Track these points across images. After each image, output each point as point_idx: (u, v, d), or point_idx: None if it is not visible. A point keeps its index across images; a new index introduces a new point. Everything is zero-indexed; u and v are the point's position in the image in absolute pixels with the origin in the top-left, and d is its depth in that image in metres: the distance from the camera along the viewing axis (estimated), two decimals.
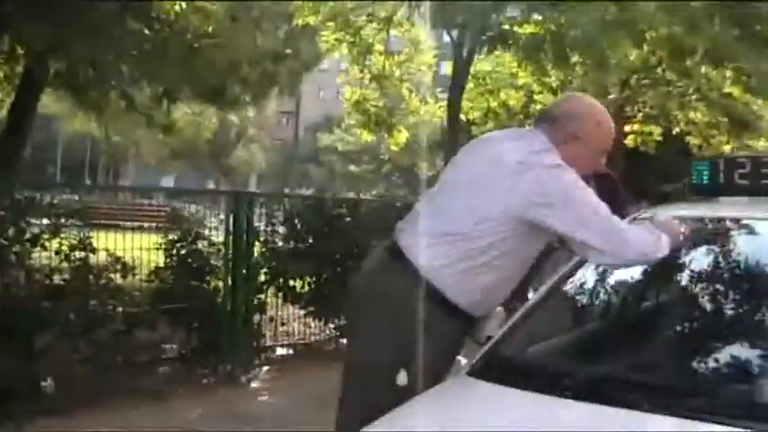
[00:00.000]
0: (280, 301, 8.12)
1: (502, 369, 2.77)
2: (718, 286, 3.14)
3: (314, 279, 7.91)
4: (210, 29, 10.50)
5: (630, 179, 12.87)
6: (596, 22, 8.75)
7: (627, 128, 17.16)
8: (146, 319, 6.83)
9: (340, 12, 12.39)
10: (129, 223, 9.17)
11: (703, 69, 12.52)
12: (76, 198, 9.37)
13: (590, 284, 3.36)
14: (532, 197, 2.87)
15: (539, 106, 15.50)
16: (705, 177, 3.70)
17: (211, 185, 43.72)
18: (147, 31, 10.22)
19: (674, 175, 15.65)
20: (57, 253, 6.25)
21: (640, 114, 17.71)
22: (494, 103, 13.67)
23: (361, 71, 13.62)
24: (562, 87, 14.37)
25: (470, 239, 2.94)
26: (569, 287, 3.31)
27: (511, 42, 9.83)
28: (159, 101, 15.28)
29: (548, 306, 3.19)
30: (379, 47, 13.28)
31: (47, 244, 6.18)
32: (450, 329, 3.02)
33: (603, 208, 2.91)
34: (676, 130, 17.51)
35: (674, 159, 17.39)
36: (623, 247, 2.89)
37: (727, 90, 13.26)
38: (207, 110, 20.53)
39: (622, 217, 3.17)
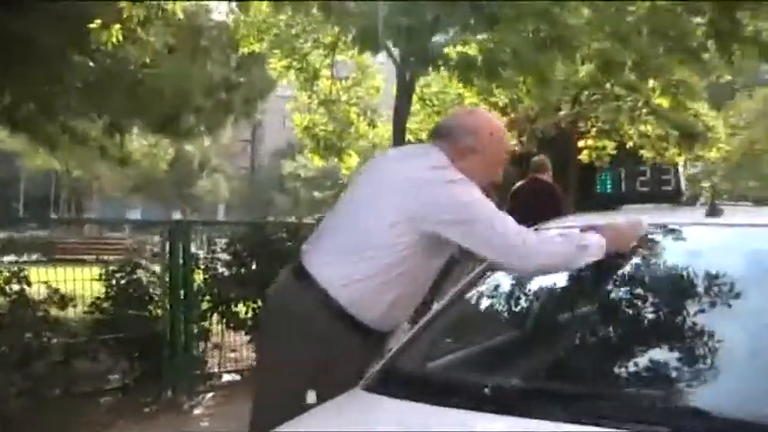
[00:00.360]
0: (223, 327, 8.09)
1: (396, 382, 2.78)
2: (622, 292, 3.15)
3: (257, 304, 7.90)
4: (151, 59, 10.51)
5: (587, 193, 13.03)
6: (526, 41, 8.88)
7: (581, 143, 17.28)
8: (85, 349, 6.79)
9: (286, 38, 12.43)
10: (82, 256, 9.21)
11: (651, 83, 12.70)
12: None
13: (491, 295, 3.39)
14: (431, 212, 2.93)
15: None
16: (608, 186, 3.77)
17: (178, 216, 43.50)
18: (91, 63, 10.20)
19: None
20: None
21: (594, 129, 17.83)
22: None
23: (309, 97, 13.69)
24: (510, 106, 14.55)
25: (372, 257, 2.99)
26: (470, 298, 3.34)
27: (441, 63, 9.87)
28: (110, 133, 15.30)
29: (447, 318, 3.22)
30: (326, 72, 13.34)
31: None
32: (358, 346, 3.04)
33: (504, 220, 2.94)
34: (629, 144, 17.65)
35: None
36: (525, 259, 2.90)
37: (657, 101, 13.35)
38: (161, 141, 20.47)
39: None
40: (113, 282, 7.32)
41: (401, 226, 2.95)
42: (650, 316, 2.96)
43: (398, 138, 11.39)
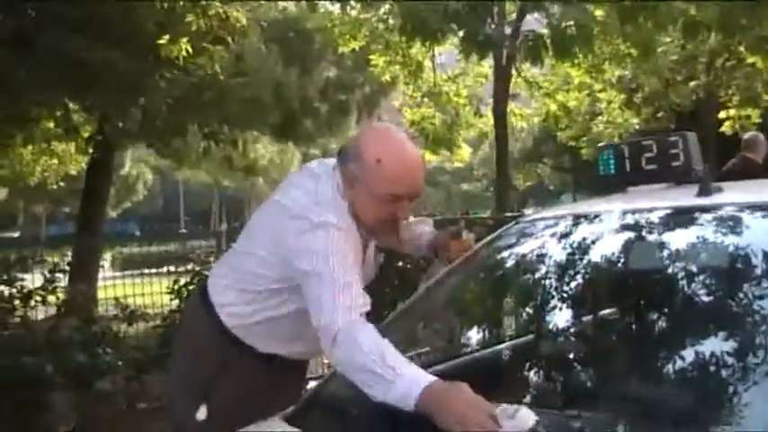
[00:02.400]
0: None
1: (318, 414, 2.51)
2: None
3: None
4: (241, 68, 10.60)
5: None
6: (611, 13, 8.39)
7: (722, 114, 16.15)
8: None
9: (380, 33, 12.21)
10: None
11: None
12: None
13: (444, 310, 3.03)
14: (289, 251, 2.56)
15: (603, 105, 14.95)
16: (611, 166, 3.27)
17: None
18: (168, 76, 10.35)
19: None
20: None
21: (735, 98, 16.69)
22: (553, 107, 13.19)
23: (414, 91, 13.43)
24: (620, 81, 13.89)
25: (262, 286, 2.75)
26: (421, 313, 2.98)
27: (532, 42, 9.39)
28: (233, 143, 15.56)
29: (396, 334, 2.86)
30: (428, 64, 13.03)
31: None
32: (263, 371, 2.83)
33: (340, 295, 2.37)
34: None
35: None
36: (335, 348, 2.33)
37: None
38: (287, 146, 20.77)
39: None
40: None
41: (274, 259, 2.65)
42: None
43: (499, 125, 10.98)
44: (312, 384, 2.82)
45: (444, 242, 2.99)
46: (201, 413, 2.77)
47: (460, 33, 9.50)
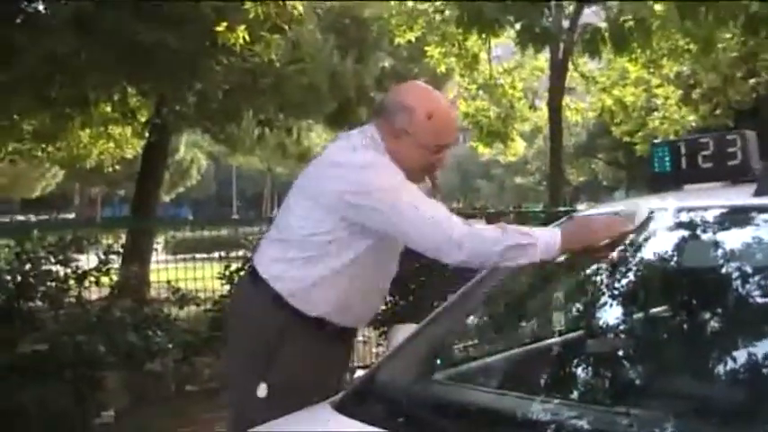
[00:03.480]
0: None
1: (367, 402, 2.49)
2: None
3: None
4: (299, 56, 10.66)
5: None
6: (671, 8, 8.25)
7: None
8: None
9: (436, 25, 12.17)
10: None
11: None
12: None
13: (498, 302, 3.01)
14: (344, 197, 2.68)
15: (660, 100, 14.73)
16: (667, 164, 3.22)
17: None
18: (225, 63, 10.42)
19: None
20: None
21: None
22: (608, 102, 13.05)
23: (469, 83, 13.37)
24: (678, 76, 13.67)
25: (310, 248, 2.79)
26: (472, 305, 2.96)
27: (589, 36, 9.28)
28: (288, 130, 15.64)
29: (444, 326, 2.86)
30: (484, 55, 12.95)
31: None
32: (315, 341, 2.85)
33: (431, 206, 2.62)
34: None
35: None
36: (456, 249, 2.55)
37: None
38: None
39: None
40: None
41: (324, 213, 2.74)
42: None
43: (554, 118, 10.90)
44: (359, 373, 2.82)
45: None
46: (262, 390, 2.80)
47: (517, 26, 9.43)
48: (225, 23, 8.29)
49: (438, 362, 2.80)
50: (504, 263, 2.57)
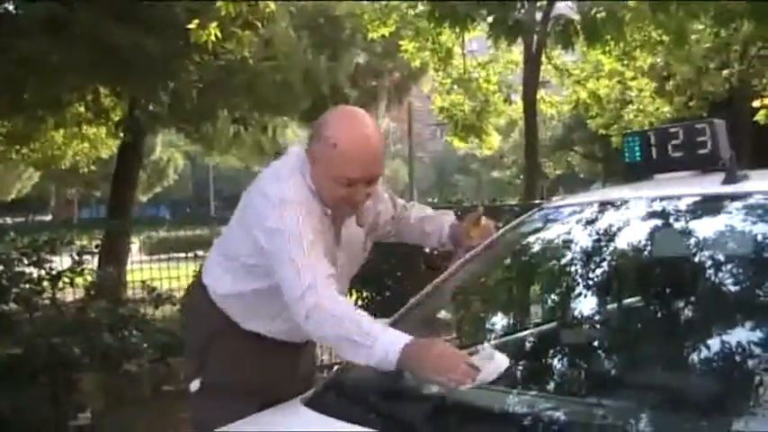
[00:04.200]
0: None
1: (337, 398, 2.48)
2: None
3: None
4: (271, 54, 10.63)
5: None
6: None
7: (756, 103, 15.92)
8: None
9: (410, 20, 12.17)
10: None
11: None
12: None
13: (471, 295, 3.00)
14: (254, 226, 2.65)
15: (634, 92, 14.80)
16: (636, 153, 3.22)
17: None
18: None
19: None
20: None
21: None
22: (583, 95, 13.10)
23: (444, 77, 13.39)
24: (652, 68, 13.74)
25: (238, 266, 2.82)
26: (444, 298, 2.95)
27: (562, 28, 9.31)
28: (263, 128, 15.58)
29: (416, 320, 2.84)
30: (458, 50, 12.97)
31: None
32: (250, 348, 2.88)
33: (303, 262, 2.46)
34: None
35: None
36: (309, 322, 2.42)
37: None
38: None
39: None
40: None
41: (242, 235, 2.75)
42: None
43: (530, 112, 10.91)
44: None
45: (464, 230, 2.98)
46: (194, 385, 2.88)
47: (490, 19, 9.42)
48: (196, 21, 8.24)
49: None
50: (336, 349, 2.48)
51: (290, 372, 2.96)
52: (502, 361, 2.16)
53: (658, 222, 2.78)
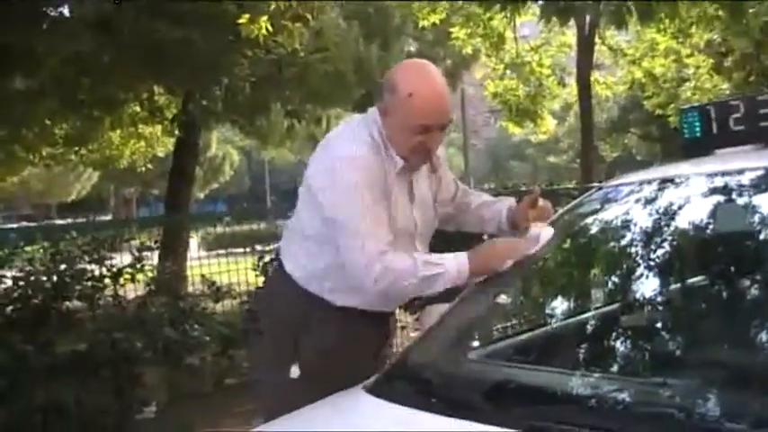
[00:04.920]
0: None
1: (399, 384, 2.45)
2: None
3: None
4: (321, 45, 10.64)
5: None
6: None
7: None
8: None
9: (460, 6, 12.07)
10: None
11: None
12: None
13: (531, 278, 2.95)
14: (315, 181, 2.75)
15: (691, 70, 14.52)
16: (697, 129, 3.14)
17: None
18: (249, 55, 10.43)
19: None
20: None
21: None
22: (638, 74, 12.88)
23: (496, 63, 13.28)
24: (708, 44, 13.43)
25: (310, 243, 2.85)
26: (504, 281, 2.89)
27: (614, 7, 9.12)
28: (317, 121, 15.64)
29: (477, 305, 2.81)
30: (510, 34, 12.84)
31: None
32: (341, 325, 2.87)
33: (364, 226, 2.62)
34: None
35: None
36: (367, 281, 2.64)
37: None
38: None
39: None
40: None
41: (310, 208, 2.81)
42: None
43: (584, 95, 10.77)
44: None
45: (522, 212, 2.96)
46: (294, 371, 2.84)
47: (540, 1, 9.31)
48: (247, 15, 8.28)
49: (472, 341, 2.75)
50: (418, 293, 2.70)
51: (379, 344, 3.02)
52: (548, 231, 2.71)
53: (721, 198, 2.70)
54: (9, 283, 5.65)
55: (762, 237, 2.54)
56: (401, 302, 3.19)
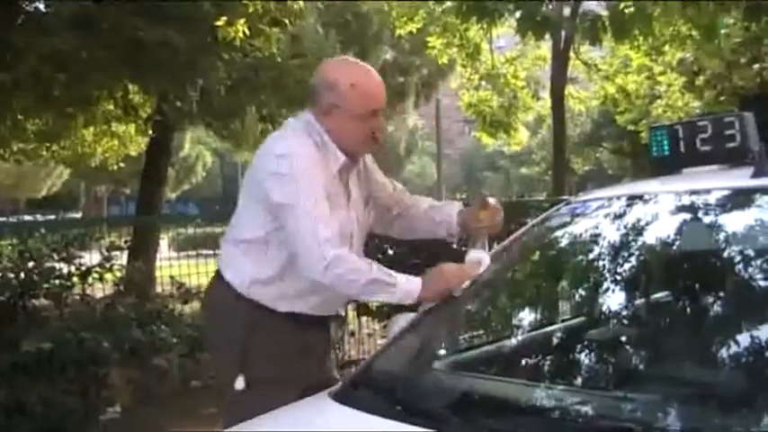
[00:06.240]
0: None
1: (365, 392, 2.47)
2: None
3: None
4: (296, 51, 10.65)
5: None
6: None
7: None
8: None
9: (437, 16, 12.13)
10: None
11: None
12: None
13: (498, 289, 2.98)
14: (263, 185, 2.76)
15: (663, 87, 14.68)
16: (665, 147, 3.19)
17: None
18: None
19: None
20: None
21: None
22: (611, 90, 13.02)
23: (472, 74, 13.34)
24: (681, 63, 13.60)
25: (252, 249, 2.88)
26: (472, 292, 2.93)
27: (590, 23, 9.22)
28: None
29: (444, 315, 2.83)
30: (486, 46, 12.91)
31: None
32: (286, 332, 2.89)
33: (316, 215, 2.67)
34: None
35: None
36: (318, 268, 2.67)
37: None
38: None
39: None
40: None
41: (252, 212, 2.86)
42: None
43: (558, 108, 10.85)
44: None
45: (473, 215, 3.00)
46: (239, 383, 2.85)
47: (517, 14, 9.37)
48: (224, 18, 8.27)
49: (437, 350, 2.78)
50: (363, 296, 2.83)
51: (327, 349, 3.06)
52: (485, 258, 2.80)
53: (687, 216, 2.75)
54: None
55: (725, 255, 2.58)
56: (342, 303, 3.16)
